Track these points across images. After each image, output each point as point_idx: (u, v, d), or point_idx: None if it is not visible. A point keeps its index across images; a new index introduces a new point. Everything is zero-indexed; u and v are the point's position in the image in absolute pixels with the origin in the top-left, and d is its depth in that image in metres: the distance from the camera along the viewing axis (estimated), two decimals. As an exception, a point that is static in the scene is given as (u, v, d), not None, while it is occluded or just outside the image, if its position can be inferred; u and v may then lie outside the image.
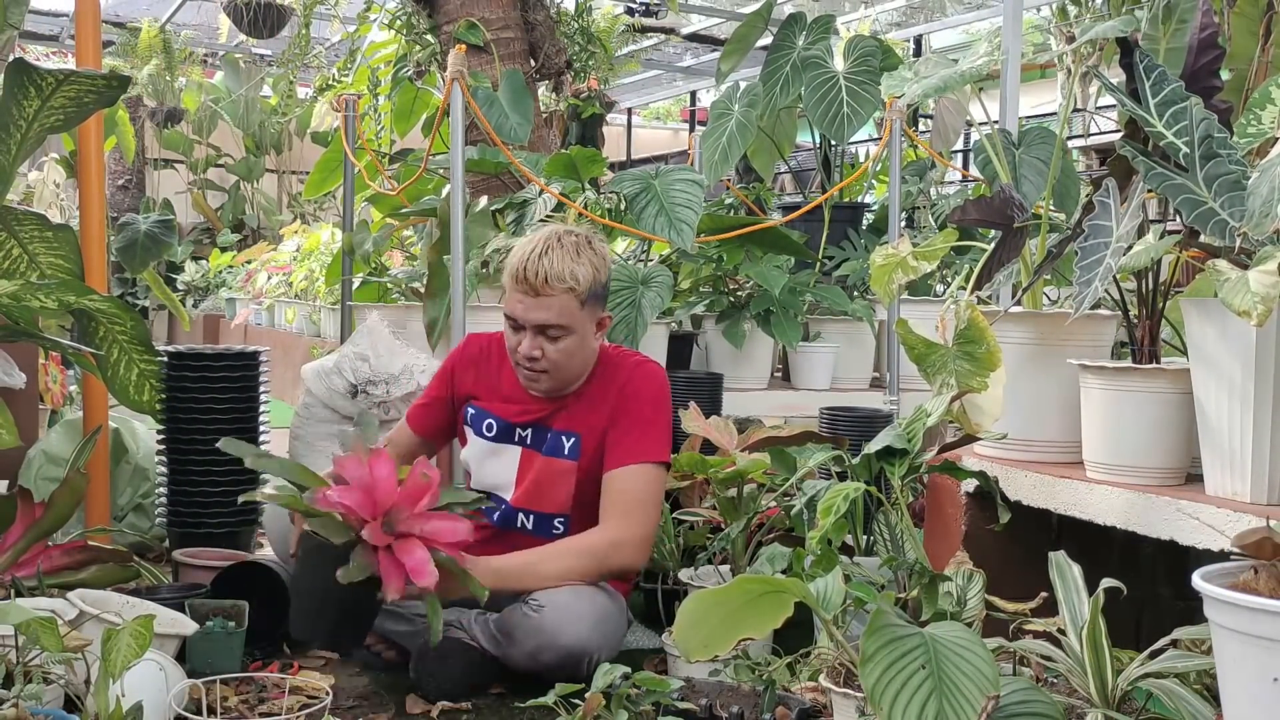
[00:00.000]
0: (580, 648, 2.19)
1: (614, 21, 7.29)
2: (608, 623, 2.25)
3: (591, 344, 2.39)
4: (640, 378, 2.42)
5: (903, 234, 3.78)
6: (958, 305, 2.10)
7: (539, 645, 2.20)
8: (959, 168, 7.05)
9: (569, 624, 2.19)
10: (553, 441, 2.42)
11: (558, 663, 2.18)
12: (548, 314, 2.28)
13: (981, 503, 2.27)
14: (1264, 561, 1.49)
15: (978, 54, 2.37)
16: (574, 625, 2.19)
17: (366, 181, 4.31)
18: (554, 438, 2.42)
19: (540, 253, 2.28)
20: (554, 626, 2.19)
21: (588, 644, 2.19)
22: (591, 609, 2.23)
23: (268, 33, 8.38)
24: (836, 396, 3.79)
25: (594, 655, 2.20)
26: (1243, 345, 1.78)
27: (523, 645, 2.22)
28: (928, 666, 1.44)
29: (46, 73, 2.42)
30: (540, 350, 2.31)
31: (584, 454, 2.40)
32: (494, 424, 2.47)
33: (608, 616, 2.26)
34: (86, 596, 2.21)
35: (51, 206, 6.39)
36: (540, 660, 2.21)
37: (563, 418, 2.43)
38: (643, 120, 14.21)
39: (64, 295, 2.51)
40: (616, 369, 2.44)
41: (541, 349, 2.31)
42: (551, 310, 2.28)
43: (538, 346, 2.31)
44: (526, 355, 2.32)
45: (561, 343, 2.31)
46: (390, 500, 2.00)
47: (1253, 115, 2.08)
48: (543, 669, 2.20)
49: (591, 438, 2.40)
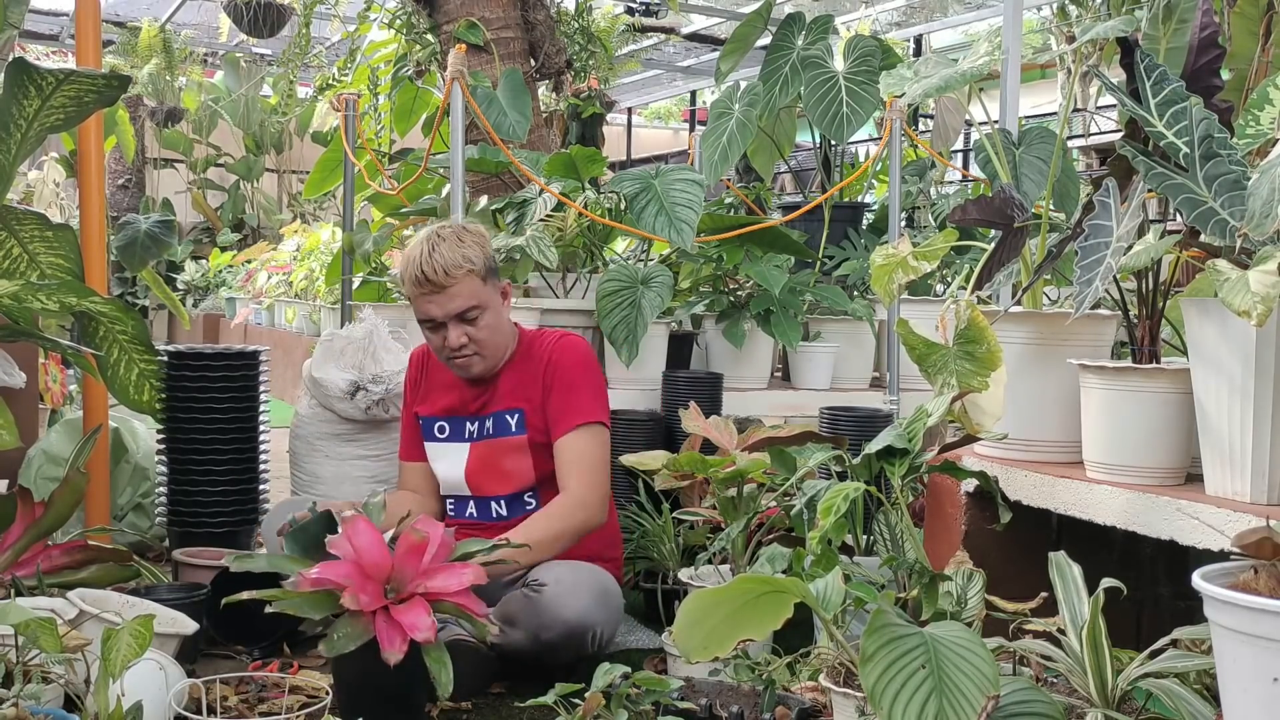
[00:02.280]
0: (582, 621, 2.21)
1: (614, 21, 7.29)
2: (608, 597, 2.30)
3: (504, 315, 2.51)
4: (565, 348, 2.53)
5: (903, 234, 3.78)
6: (958, 305, 2.10)
7: (541, 623, 2.21)
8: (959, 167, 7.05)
9: (570, 598, 2.22)
10: (497, 422, 2.52)
11: (561, 639, 2.20)
12: (460, 300, 2.40)
13: (981, 503, 2.27)
14: (1264, 561, 1.49)
15: (978, 54, 2.37)
16: (576, 599, 2.22)
17: (366, 181, 4.30)
18: (498, 418, 2.52)
19: (429, 252, 2.40)
20: (556, 602, 2.21)
21: (590, 617, 2.22)
22: (592, 582, 2.27)
23: (268, 32, 8.38)
24: (836, 396, 3.78)
25: (597, 629, 2.24)
26: (1243, 345, 1.78)
27: (525, 625, 2.23)
28: (928, 666, 1.44)
29: (47, 72, 2.42)
30: (465, 336, 2.43)
31: (530, 427, 2.50)
32: (445, 425, 2.59)
33: (607, 591, 2.31)
34: (86, 596, 2.21)
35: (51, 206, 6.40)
36: (543, 639, 2.22)
37: (501, 397, 2.53)
38: (643, 120, 14.21)
39: (64, 296, 2.51)
40: (538, 344, 2.56)
41: (466, 334, 2.43)
42: (461, 296, 2.40)
43: (462, 334, 2.43)
44: (454, 347, 2.44)
45: (481, 321, 2.44)
46: (381, 566, 1.96)
47: (1252, 116, 2.07)
48: (545, 649, 2.21)
49: (534, 411, 2.50)
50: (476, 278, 2.42)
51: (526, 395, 2.51)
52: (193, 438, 3.04)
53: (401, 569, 1.97)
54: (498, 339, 2.49)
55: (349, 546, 1.97)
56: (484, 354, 2.48)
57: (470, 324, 2.43)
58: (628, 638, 2.62)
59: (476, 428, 2.56)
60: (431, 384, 2.63)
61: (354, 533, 1.98)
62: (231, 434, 3.06)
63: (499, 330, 2.49)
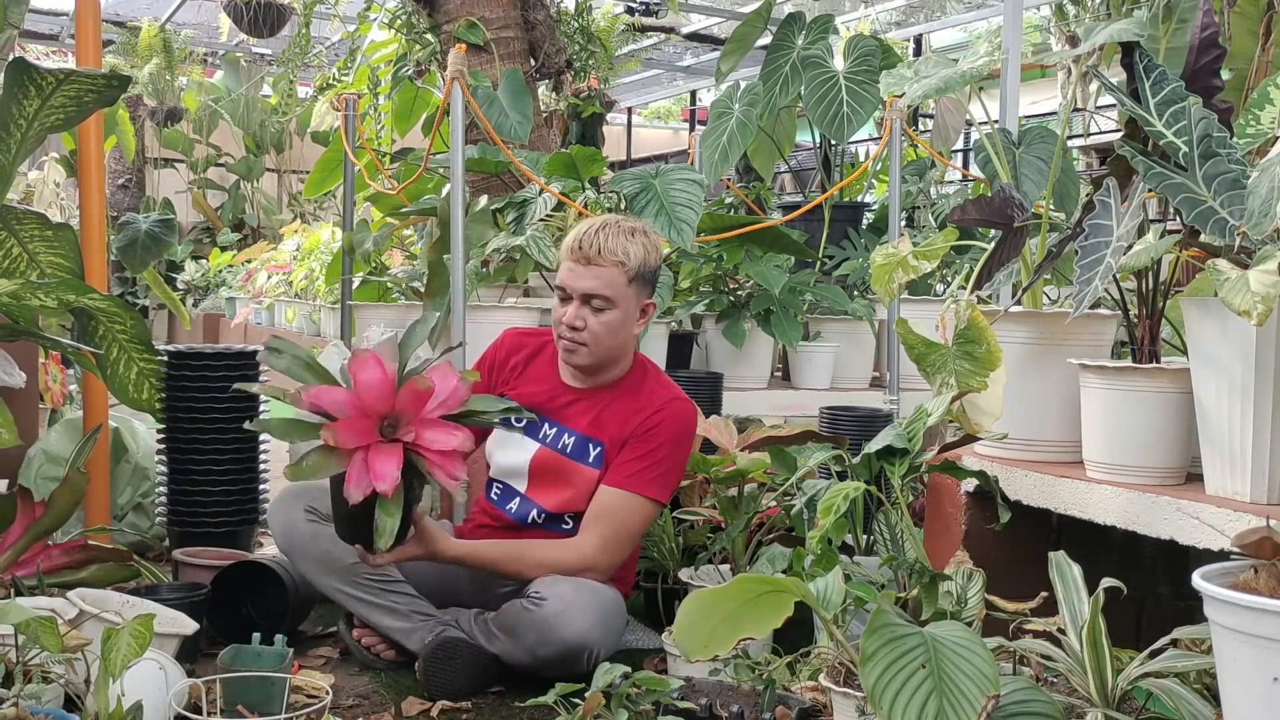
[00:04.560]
0: (580, 642, 2.19)
1: (614, 21, 7.28)
2: (609, 619, 2.26)
3: (632, 327, 2.44)
4: (674, 415, 2.46)
5: (903, 233, 3.77)
6: (958, 305, 2.10)
7: (539, 639, 2.20)
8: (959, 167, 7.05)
9: (572, 618, 2.20)
10: (578, 446, 2.45)
11: (556, 657, 2.19)
12: (596, 282, 2.36)
13: (981, 502, 2.27)
14: (1264, 561, 1.49)
15: (978, 54, 2.37)
16: (577, 619, 2.20)
17: (366, 181, 4.30)
18: (579, 442, 2.45)
19: (598, 228, 2.38)
20: (556, 620, 2.19)
21: (588, 638, 2.20)
22: (594, 603, 2.24)
23: (268, 32, 8.37)
24: (836, 396, 3.79)
25: (594, 650, 2.20)
26: (1243, 345, 1.78)
27: (523, 639, 2.22)
28: (928, 666, 1.44)
29: (47, 72, 2.42)
30: (583, 320, 2.38)
31: (605, 462, 2.44)
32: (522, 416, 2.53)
33: (609, 612, 2.27)
34: (86, 596, 2.21)
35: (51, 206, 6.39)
36: (539, 655, 2.21)
37: (590, 420, 2.45)
38: (643, 120, 14.21)
39: (64, 294, 2.51)
40: (652, 393, 2.48)
41: (585, 319, 2.38)
42: (600, 280, 2.36)
43: (581, 316, 2.38)
44: (570, 323, 2.39)
45: (605, 315, 2.38)
46: (379, 404, 1.98)
47: (1252, 115, 2.08)
48: (541, 664, 2.20)
49: (612, 449, 2.44)
50: (623, 272, 2.37)
51: (614, 435, 2.44)
52: (193, 438, 3.04)
53: (401, 410, 1.99)
54: (611, 342, 2.41)
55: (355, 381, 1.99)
56: (591, 348, 2.40)
57: (595, 312, 2.37)
58: (627, 637, 2.62)
59: (554, 434, 2.48)
60: (528, 372, 2.56)
61: (360, 367, 2.00)
62: (231, 434, 3.06)
63: (617, 335, 2.41)
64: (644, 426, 2.42)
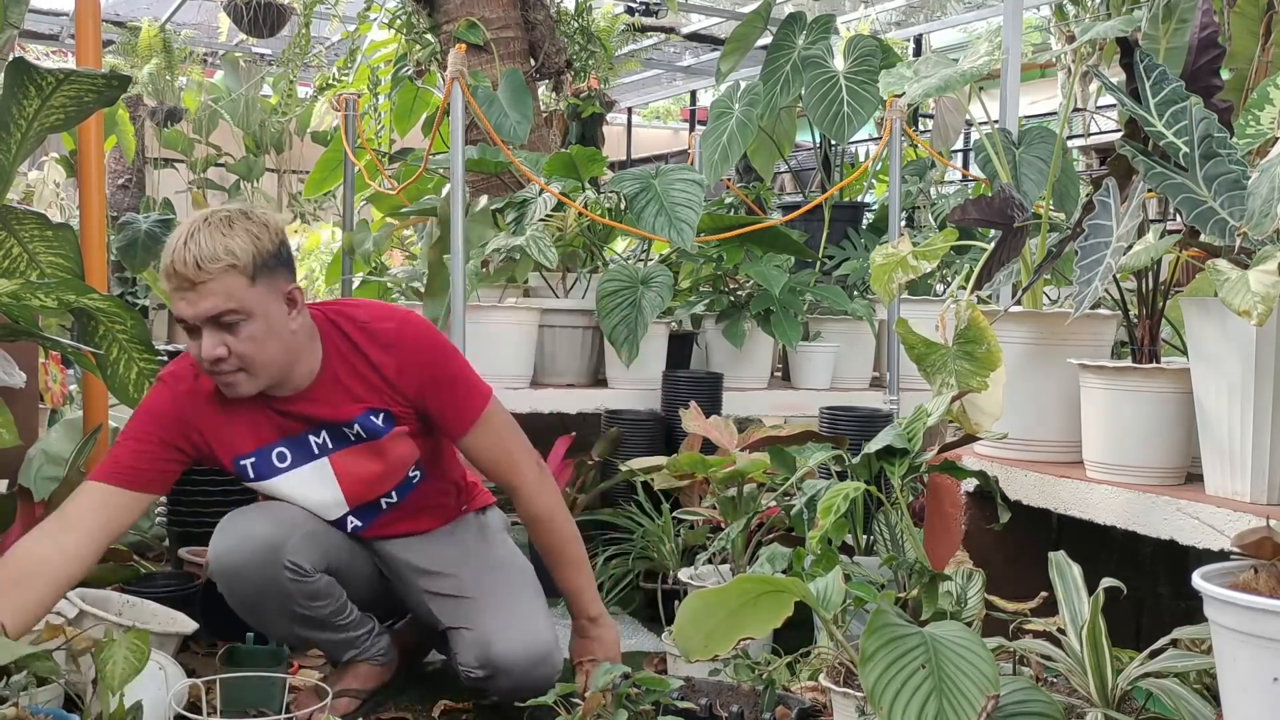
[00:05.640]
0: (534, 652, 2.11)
1: (614, 21, 7.28)
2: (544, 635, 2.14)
3: (286, 323, 2.03)
4: (413, 341, 2.14)
5: (903, 233, 3.77)
6: (958, 305, 2.10)
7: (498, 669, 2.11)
8: (959, 167, 7.05)
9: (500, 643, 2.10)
10: (364, 425, 2.13)
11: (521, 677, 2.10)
12: (211, 300, 1.95)
13: (981, 502, 2.27)
14: (1264, 561, 1.49)
15: (978, 53, 2.37)
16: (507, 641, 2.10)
17: (366, 181, 4.30)
18: (362, 422, 2.12)
19: (185, 240, 1.95)
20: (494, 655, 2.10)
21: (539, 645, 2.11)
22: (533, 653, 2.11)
23: (268, 32, 8.37)
24: (836, 396, 3.79)
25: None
26: (1242, 345, 1.78)
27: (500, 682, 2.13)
28: (928, 666, 1.44)
29: (47, 72, 2.42)
30: (224, 346, 1.97)
31: (400, 419, 2.14)
32: (284, 451, 2.17)
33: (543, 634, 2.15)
34: (86, 596, 2.21)
35: (51, 206, 6.40)
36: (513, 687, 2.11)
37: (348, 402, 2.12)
38: (643, 120, 14.19)
39: (64, 294, 2.51)
40: (370, 336, 2.13)
41: (225, 345, 1.97)
42: (215, 295, 1.94)
43: (220, 343, 1.97)
44: (209, 358, 1.98)
45: (243, 331, 1.97)
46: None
47: (1252, 115, 2.08)
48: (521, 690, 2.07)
49: (402, 408, 2.14)
50: (239, 274, 1.95)
51: (382, 395, 2.12)
52: (193, 437, 3.04)
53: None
54: (270, 353, 2.01)
55: None
56: (252, 371, 2.01)
57: (230, 332, 1.97)
58: (628, 638, 2.62)
59: (328, 436, 2.15)
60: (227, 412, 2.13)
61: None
62: (231, 434, 3.05)
63: (271, 342, 2.01)
64: (412, 372, 2.12)
